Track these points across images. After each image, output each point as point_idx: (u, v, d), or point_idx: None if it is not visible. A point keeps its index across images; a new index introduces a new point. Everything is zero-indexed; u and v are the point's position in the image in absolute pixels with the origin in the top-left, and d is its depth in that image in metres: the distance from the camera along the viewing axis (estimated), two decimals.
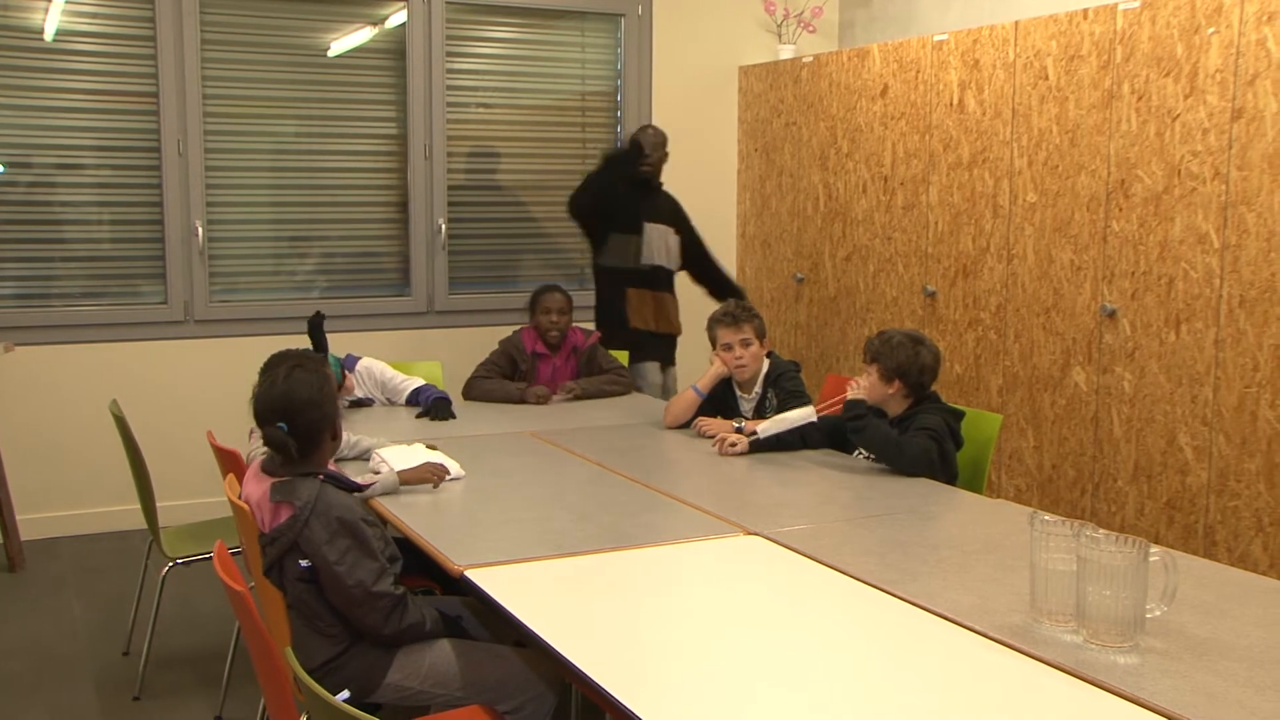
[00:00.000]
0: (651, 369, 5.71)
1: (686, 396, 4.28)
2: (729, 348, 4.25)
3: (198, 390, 5.76)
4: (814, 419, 3.75)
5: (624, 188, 5.65)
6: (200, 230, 5.72)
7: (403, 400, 4.66)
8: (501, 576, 2.66)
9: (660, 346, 5.77)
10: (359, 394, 4.63)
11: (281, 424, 2.75)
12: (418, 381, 4.70)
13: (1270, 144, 4.04)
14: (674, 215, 5.77)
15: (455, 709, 2.68)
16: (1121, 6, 4.54)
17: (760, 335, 4.28)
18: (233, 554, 2.60)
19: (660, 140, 5.73)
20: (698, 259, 5.86)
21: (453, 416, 4.46)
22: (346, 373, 4.55)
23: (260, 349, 5.44)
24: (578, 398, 4.88)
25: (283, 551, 2.66)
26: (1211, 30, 4.21)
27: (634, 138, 5.73)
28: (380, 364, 4.76)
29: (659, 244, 5.67)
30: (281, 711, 2.39)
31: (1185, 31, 4.30)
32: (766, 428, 3.79)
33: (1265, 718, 1.93)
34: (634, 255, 5.62)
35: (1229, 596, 2.54)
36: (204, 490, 5.52)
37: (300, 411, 2.76)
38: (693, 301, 5.84)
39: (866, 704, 2.01)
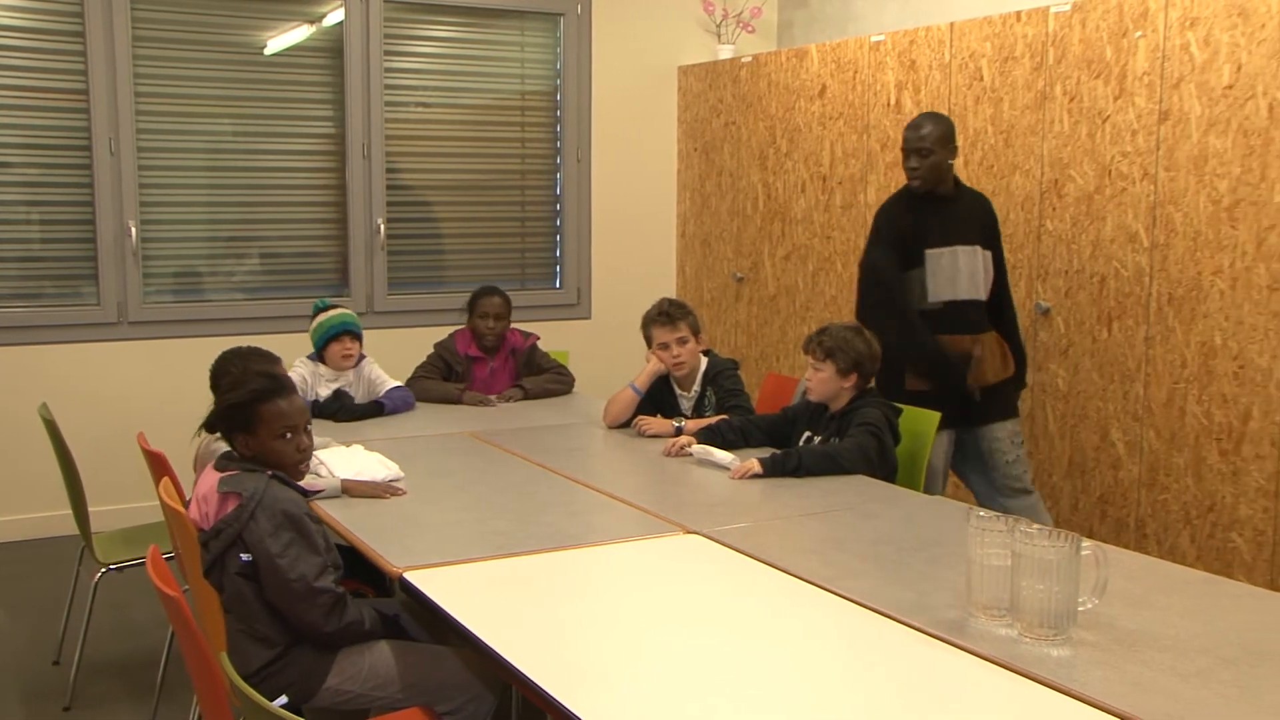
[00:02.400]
0: (939, 440, 4.15)
1: (625, 395, 4.29)
2: (666, 347, 4.26)
3: (131, 393, 5.69)
4: (730, 470, 3.65)
5: (904, 213, 4.32)
6: (134, 230, 5.64)
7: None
8: (441, 578, 2.66)
9: (1001, 398, 4.38)
10: (326, 391, 4.57)
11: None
12: (394, 383, 4.70)
13: (1195, 145, 4.13)
14: (981, 230, 4.35)
15: (395, 711, 2.67)
16: (1053, 9, 4.61)
17: (695, 332, 4.30)
18: (167, 559, 2.57)
19: (924, 133, 4.21)
20: (999, 286, 4.44)
21: (356, 418, 4.44)
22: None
23: (196, 351, 5.44)
24: (525, 397, 4.88)
25: (226, 545, 2.63)
26: (1139, 34, 4.29)
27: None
28: (376, 366, 4.74)
29: (964, 270, 4.27)
30: (216, 719, 2.37)
31: (1114, 35, 4.38)
32: (699, 450, 3.78)
33: (1189, 704, 1.98)
34: (920, 294, 4.27)
35: (1157, 588, 2.59)
36: (138, 495, 5.45)
37: (216, 393, 2.78)
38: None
39: (806, 701, 2.03)
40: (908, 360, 4.21)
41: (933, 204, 4.27)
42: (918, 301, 4.25)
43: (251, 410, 2.75)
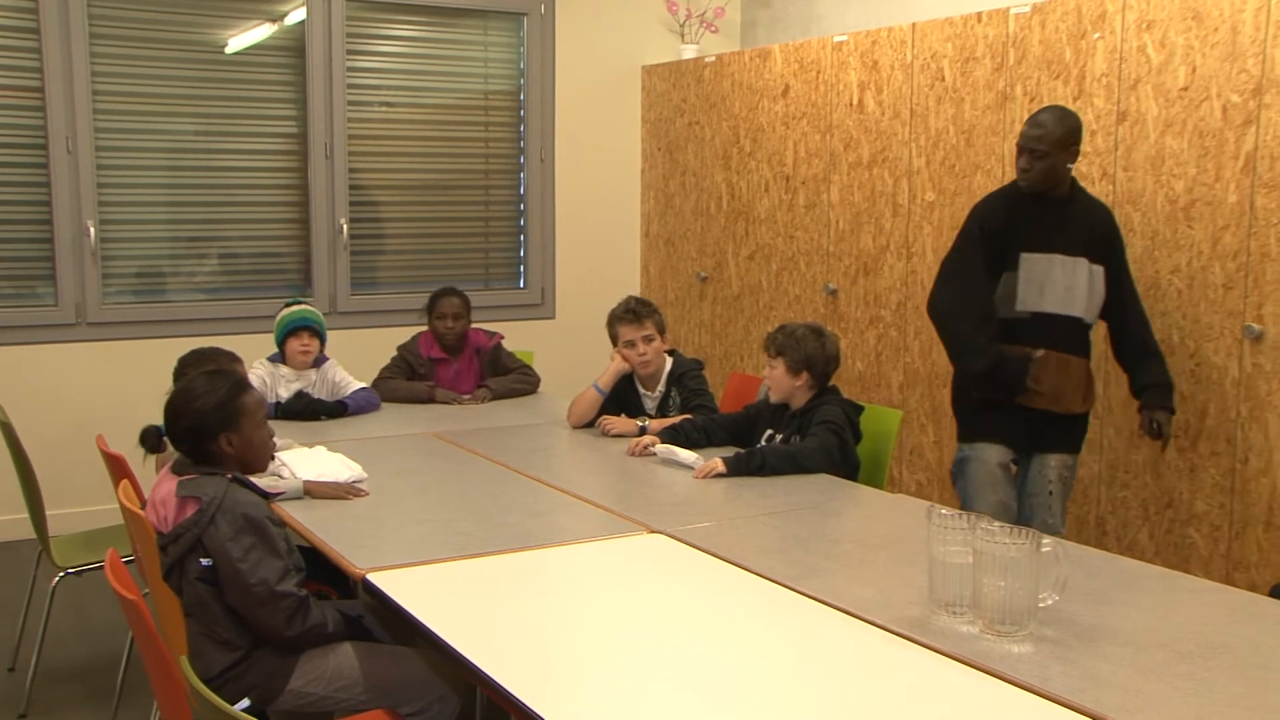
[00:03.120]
0: (989, 453, 3.95)
1: (589, 395, 4.29)
2: (631, 344, 4.26)
3: (90, 395, 5.63)
4: (693, 469, 3.65)
5: (1001, 210, 3.97)
6: (92, 230, 5.59)
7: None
8: (404, 579, 2.65)
9: (1068, 431, 4.02)
10: (287, 393, 4.55)
11: (159, 426, 2.79)
12: (358, 385, 4.68)
13: (1152, 146, 4.17)
14: (1091, 240, 3.90)
15: (359, 713, 2.66)
16: (1013, 11, 4.65)
17: (661, 330, 4.31)
18: (126, 562, 2.55)
19: (1042, 133, 3.81)
20: (1116, 305, 3.98)
21: (320, 416, 4.43)
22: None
23: (156, 352, 5.41)
24: (493, 397, 4.87)
25: (185, 549, 2.61)
26: (1097, 35, 4.33)
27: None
28: (340, 369, 4.72)
29: (1059, 281, 3.88)
30: None
31: (1073, 36, 4.41)
32: (663, 449, 3.79)
33: (1148, 699, 2.00)
34: (1007, 299, 3.91)
35: (1116, 584, 2.62)
36: (96, 498, 5.40)
37: (182, 414, 2.77)
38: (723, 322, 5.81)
39: (769, 700, 2.04)
40: (957, 364, 4.02)
41: (1038, 205, 3.88)
42: (1004, 309, 3.89)
43: (236, 405, 2.75)
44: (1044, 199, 3.88)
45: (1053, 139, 3.78)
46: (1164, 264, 4.16)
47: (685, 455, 3.69)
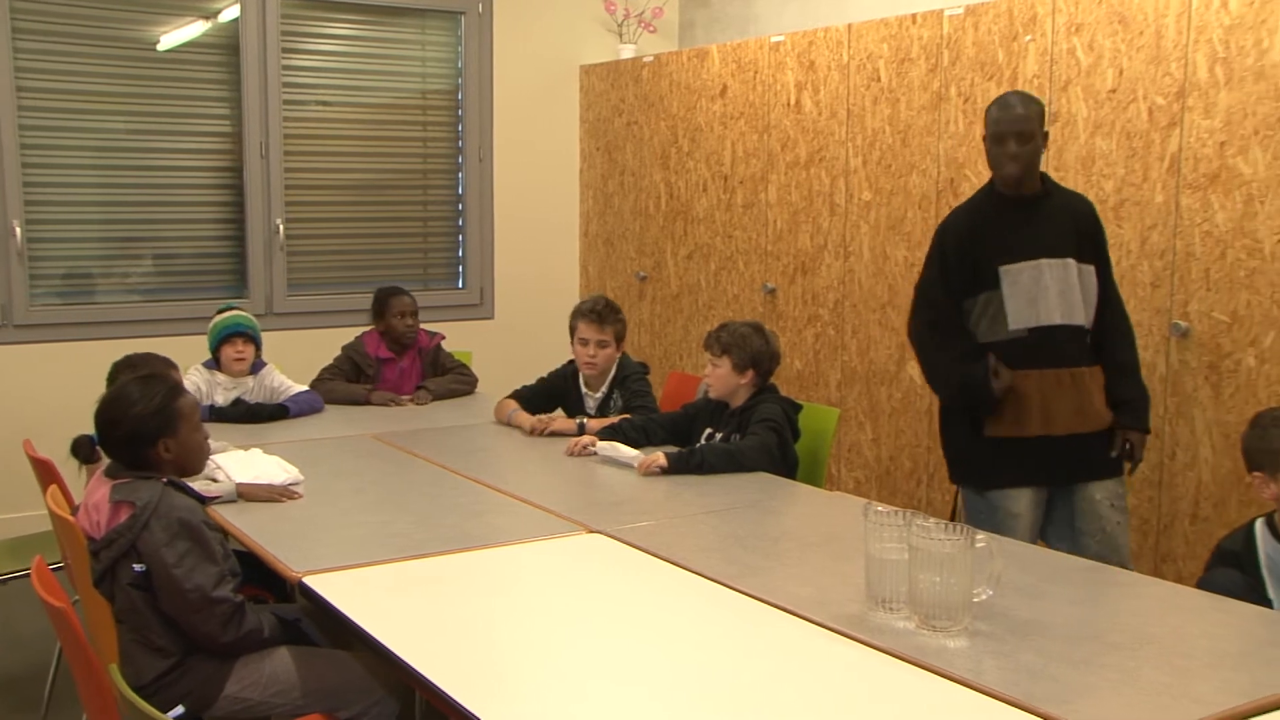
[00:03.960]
0: (1020, 503, 3.53)
1: (510, 404, 4.34)
2: (585, 343, 4.28)
3: (18, 399, 5.53)
4: (634, 465, 3.66)
5: (967, 224, 3.61)
6: (19, 230, 5.49)
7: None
8: (341, 582, 2.63)
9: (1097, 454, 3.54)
10: (223, 399, 4.49)
11: (92, 435, 2.75)
12: (298, 388, 4.64)
13: (1082, 146, 4.23)
14: (1075, 237, 3.52)
15: (296, 718, 2.64)
16: (947, 12, 4.70)
17: (619, 340, 4.31)
18: (54, 569, 2.51)
19: (1024, 112, 3.46)
20: (1100, 308, 3.59)
21: (261, 419, 4.39)
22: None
23: (86, 355, 5.34)
24: (433, 398, 4.86)
25: (118, 555, 2.58)
26: (1028, 38, 4.39)
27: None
28: (278, 373, 4.67)
29: (1051, 289, 3.48)
30: None
31: (1005, 38, 4.47)
32: (604, 448, 3.79)
33: (1079, 690, 2.04)
34: (997, 320, 3.52)
35: (1048, 578, 2.66)
36: (24, 504, 5.30)
37: (117, 422, 2.72)
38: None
39: (710, 698, 2.04)
40: (936, 390, 3.73)
41: (1010, 208, 3.51)
42: (996, 331, 3.51)
43: (173, 409, 2.72)
44: (1016, 201, 3.51)
45: (1037, 116, 3.46)
46: None
47: (626, 452, 3.69)
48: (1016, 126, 3.42)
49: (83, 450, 2.96)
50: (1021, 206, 3.51)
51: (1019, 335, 3.47)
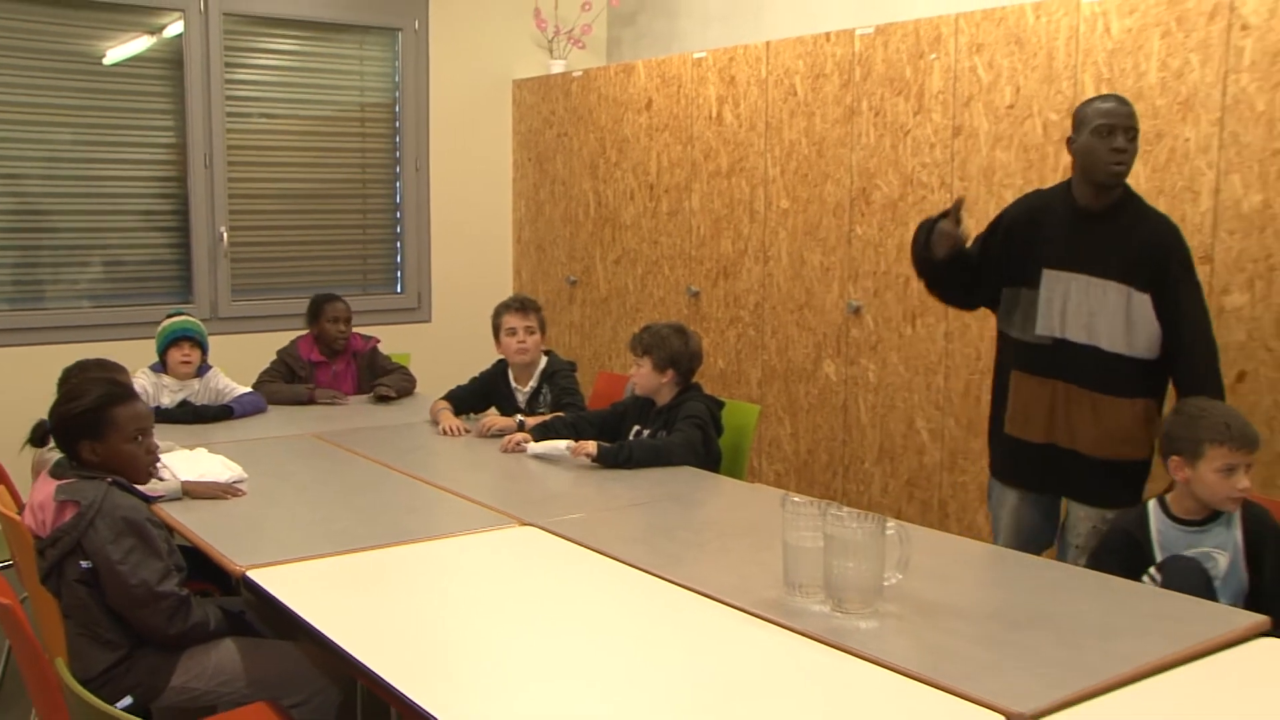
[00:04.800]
0: (1008, 496, 3.50)
1: (442, 405, 4.34)
2: (513, 332, 4.29)
3: None
4: (567, 454, 3.68)
5: (1032, 209, 3.43)
6: None
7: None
8: (283, 575, 2.60)
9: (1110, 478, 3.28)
10: (170, 401, 4.42)
11: (46, 420, 2.73)
12: (242, 390, 4.58)
13: (984, 158, 4.29)
14: (1134, 261, 3.18)
15: (242, 706, 2.61)
16: (858, 32, 4.74)
17: (542, 328, 4.34)
18: (2, 568, 2.47)
19: (1133, 109, 3.19)
20: (1171, 342, 3.19)
21: (206, 421, 4.34)
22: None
23: (33, 359, 5.24)
24: (395, 398, 4.80)
25: (64, 553, 2.53)
26: (933, 56, 4.44)
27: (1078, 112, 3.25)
28: (223, 376, 4.61)
29: (1080, 307, 3.24)
30: None
31: (912, 56, 4.53)
32: (535, 448, 3.78)
33: (981, 665, 2.07)
34: (1027, 319, 3.36)
35: (955, 562, 2.70)
36: None
37: (55, 411, 2.72)
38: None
39: (637, 681, 2.05)
40: (915, 264, 3.48)
41: (1077, 214, 3.26)
42: (1023, 329, 3.35)
43: (103, 415, 2.67)
44: (1085, 208, 3.24)
45: (1136, 115, 3.15)
46: None
47: (556, 445, 3.70)
48: (1127, 121, 3.13)
49: (36, 434, 2.91)
50: (1089, 216, 3.23)
51: (1044, 341, 3.29)
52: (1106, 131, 3.12)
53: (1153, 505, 2.80)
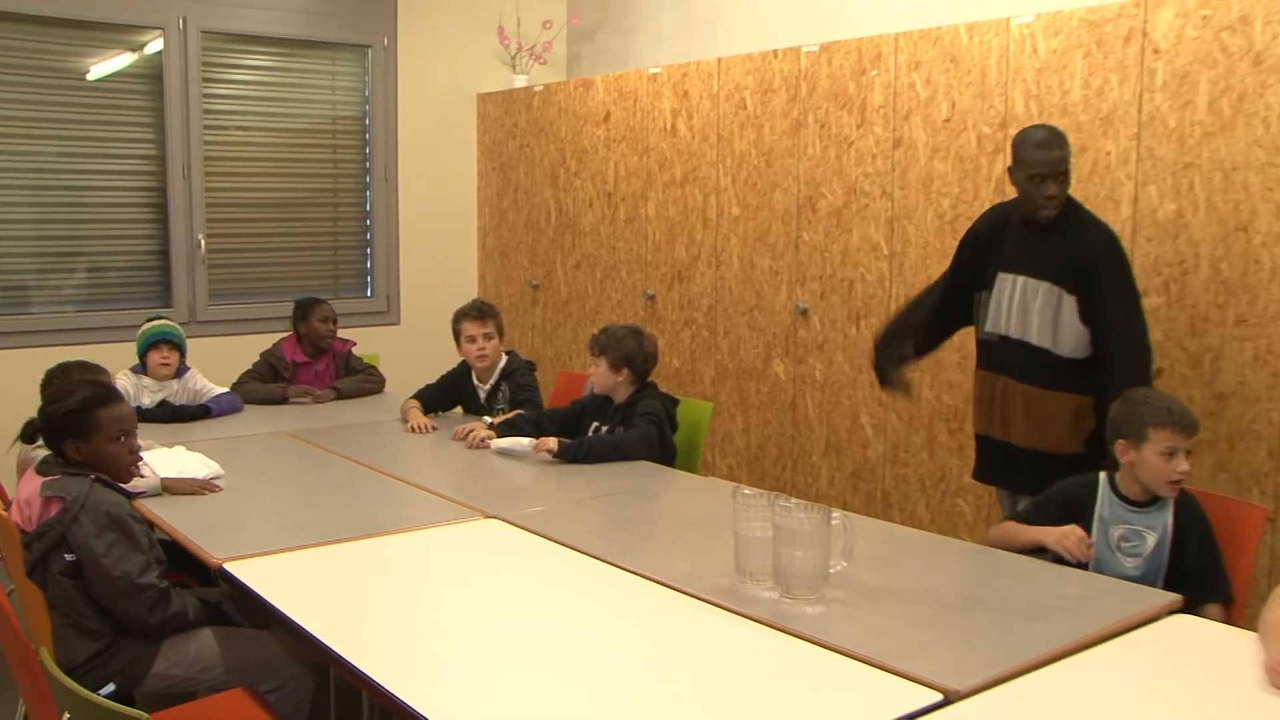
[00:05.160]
0: (998, 492, 3.65)
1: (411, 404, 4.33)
2: (473, 339, 4.28)
3: None
4: (530, 450, 3.67)
5: (988, 224, 3.56)
6: None
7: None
8: (259, 567, 2.59)
9: (1014, 467, 3.42)
10: (150, 401, 4.38)
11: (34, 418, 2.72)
12: (218, 390, 4.55)
13: (923, 168, 4.33)
14: (1061, 262, 3.29)
15: (220, 692, 2.60)
16: (804, 49, 4.77)
17: (500, 332, 4.34)
18: None
19: (1064, 154, 3.29)
20: (1097, 342, 3.27)
21: (184, 420, 4.31)
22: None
23: (18, 362, 5.16)
24: (340, 396, 4.82)
25: (49, 546, 2.52)
26: (874, 73, 4.48)
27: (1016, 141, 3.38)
28: (200, 377, 4.57)
29: (1017, 305, 3.37)
30: (41, 712, 2.26)
31: (855, 72, 4.56)
32: (499, 444, 3.78)
33: (919, 646, 2.10)
34: (980, 319, 3.50)
35: (897, 549, 2.72)
36: None
37: (43, 410, 2.71)
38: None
39: (598, 666, 2.06)
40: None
41: (1025, 225, 3.37)
42: (980, 328, 3.50)
43: (86, 415, 2.65)
44: (1041, 225, 3.33)
45: (1069, 159, 3.30)
46: (935, 270, 4.31)
47: (519, 442, 3.70)
48: (1058, 168, 3.24)
49: (26, 431, 2.88)
50: (1034, 226, 3.34)
51: (991, 338, 3.44)
52: (1040, 180, 3.26)
53: (1103, 478, 2.79)
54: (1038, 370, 3.31)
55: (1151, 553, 2.67)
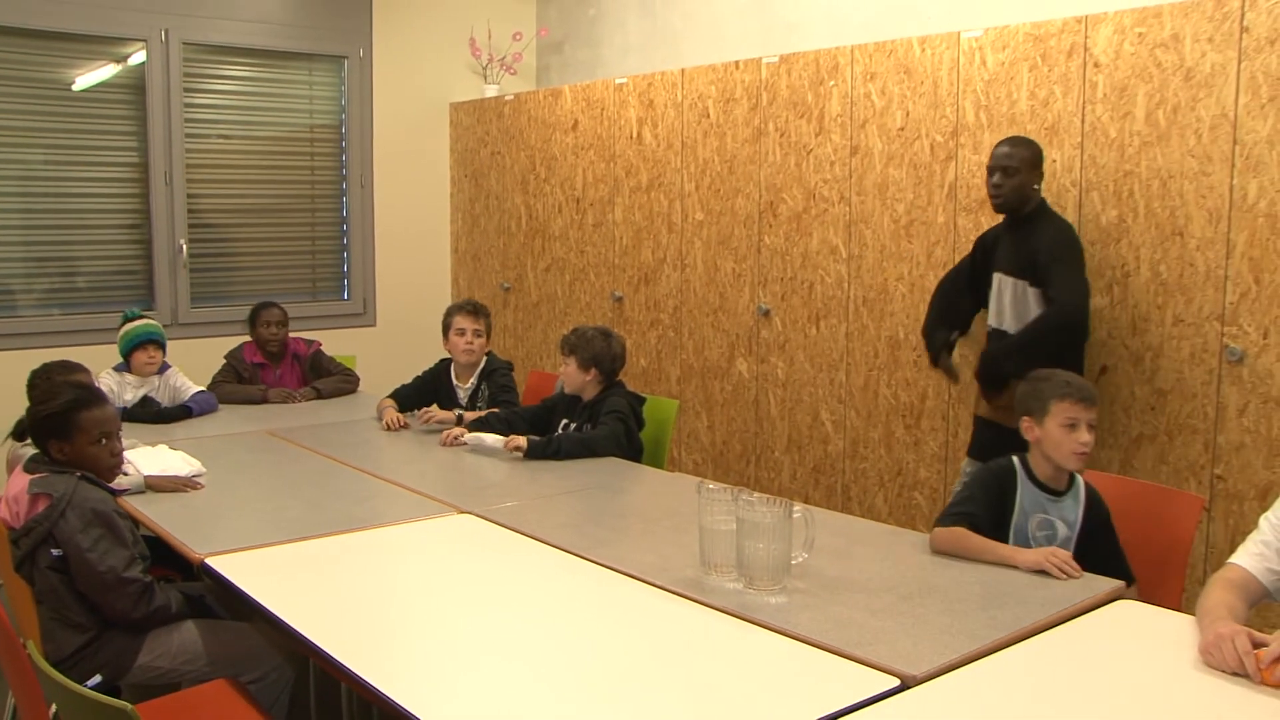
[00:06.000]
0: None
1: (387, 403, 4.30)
2: (462, 333, 4.26)
3: None
4: (500, 449, 3.63)
5: (991, 231, 3.84)
6: None
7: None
8: (239, 562, 2.57)
9: (992, 440, 3.58)
10: (133, 398, 4.33)
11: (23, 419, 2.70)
12: (197, 389, 4.51)
13: (879, 174, 4.35)
14: (1024, 259, 3.57)
15: (204, 683, 2.57)
16: (764, 60, 4.78)
17: (488, 333, 4.33)
18: None
19: (1011, 150, 3.58)
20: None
21: (165, 420, 4.27)
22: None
23: (6, 363, 5.08)
24: (319, 396, 4.78)
25: (37, 542, 2.49)
26: (832, 83, 4.49)
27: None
28: (180, 374, 4.52)
29: (999, 299, 3.68)
30: (30, 704, 2.22)
31: (813, 83, 4.57)
32: (472, 438, 3.75)
33: (877, 633, 2.10)
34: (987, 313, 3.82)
35: (856, 541, 2.73)
36: None
37: (30, 411, 2.69)
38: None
39: (568, 656, 2.05)
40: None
41: (1010, 227, 3.66)
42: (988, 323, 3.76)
43: (69, 418, 2.62)
44: (1013, 222, 3.63)
45: (1021, 157, 3.55)
46: (890, 273, 4.35)
47: (490, 439, 3.68)
48: (1003, 161, 3.58)
49: (18, 429, 2.85)
50: (1016, 227, 3.63)
51: (989, 331, 3.75)
52: (989, 173, 3.62)
53: (1018, 464, 2.74)
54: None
55: (1061, 542, 2.67)
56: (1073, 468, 2.69)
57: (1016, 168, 3.55)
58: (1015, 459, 2.76)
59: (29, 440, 2.73)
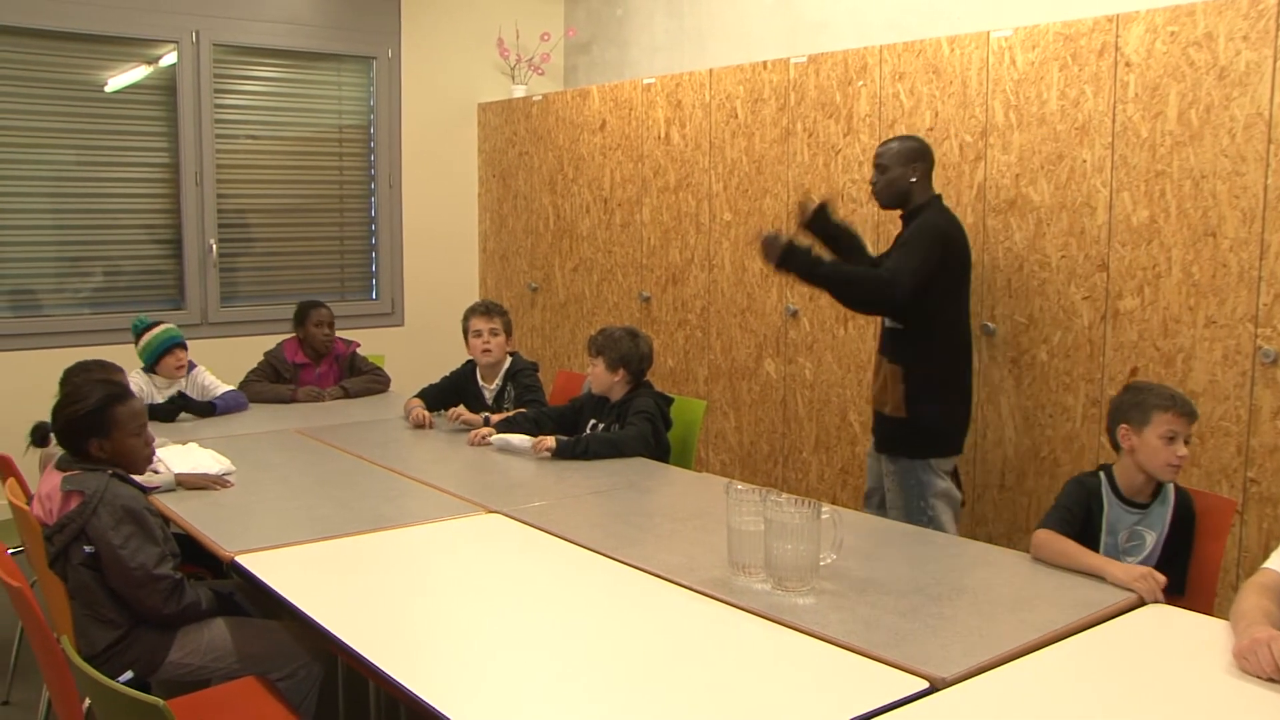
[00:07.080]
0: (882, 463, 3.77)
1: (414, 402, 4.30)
2: (479, 334, 4.26)
3: None
4: (529, 449, 3.65)
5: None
6: None
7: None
8: (269, 560, 2.58)
9: (885, 432, 3.74)
10: (162, 398, 4.37)
11: (47, 422, 2.72)
12: (225, 388, 4.53)
13: None
14: (897, 244, 3.68)
15: (233, 680, 2.59)
16: (793, 60, 4.77)
17: (507, 331, 4.31)
18: (15, 553, 2.43)
19: (884, 148, 3.70)
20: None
21: (192, 413, 4.30)
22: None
23: (38, 362, 5.15)
24: (347, 396, 4.80)
25: (70, 539, 2.51)
26: (860, 83, 4.47)
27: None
28: (208, 373, 4.55)
29: None
30: (64, 698, 2.25)
31: (842, 83, 4.55)
32: (498, 439, 3.76)
33: (905, 635, 2.09)
34: None
35: (883, 543, 2.72)
36: None
37: (59, 414, 2.69)
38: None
39: (596, 655, 2.05)
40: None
41: (903, 222, 3.72)
42: None
43: (106, 414, 2.65)
44: (905, 217, 3.68)
45: (892, 153, 3.64)
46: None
47: (518, 440, 3.68)
48: (876, 159, 3.71)
49: (37, 434, 2.88)
50: (906, 223, 3.70)
51: (885, 327, 3.75)
52: (873, 167, 3.72)
53: (1104, 480, 2.71)
54: (889, 345, 3.70)
55: (1150, 551, 2.67)
56: (1165, 479, 2.68)
57: (887, 164, 3.65)
58: (1101, 473, 2.74)
59: (53, 443, 2.75)
